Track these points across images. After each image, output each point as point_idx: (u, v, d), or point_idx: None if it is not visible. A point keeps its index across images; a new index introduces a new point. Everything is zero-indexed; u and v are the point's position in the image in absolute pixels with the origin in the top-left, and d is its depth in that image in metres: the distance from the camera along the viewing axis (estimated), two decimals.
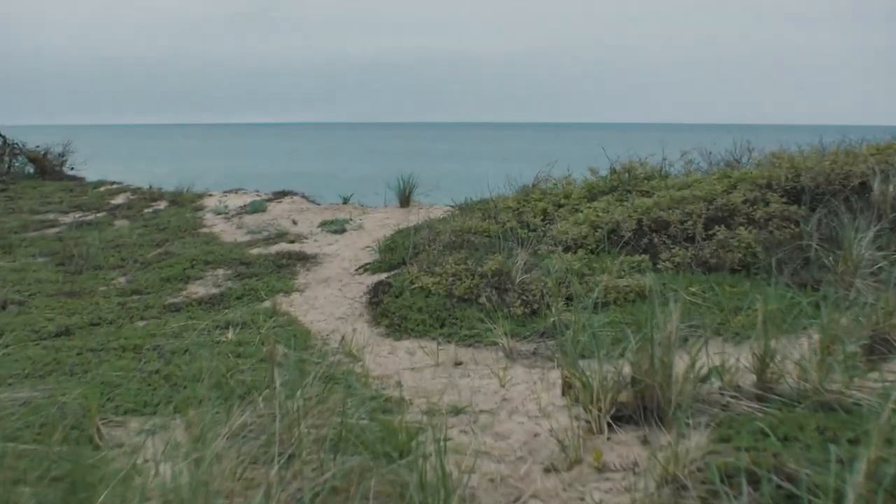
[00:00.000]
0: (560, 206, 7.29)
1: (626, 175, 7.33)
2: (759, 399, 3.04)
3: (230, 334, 5.25)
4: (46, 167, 16.50)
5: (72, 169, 16.87)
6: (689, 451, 2.56)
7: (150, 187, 13.21)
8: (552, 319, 4.81)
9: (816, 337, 3.30)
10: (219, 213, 10.41)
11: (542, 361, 4.44)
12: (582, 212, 6.75)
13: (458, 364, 4.54)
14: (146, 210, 11.32)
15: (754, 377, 3.21)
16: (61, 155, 16.75)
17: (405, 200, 9.78)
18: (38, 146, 16.86)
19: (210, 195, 12.00)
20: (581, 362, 3.28)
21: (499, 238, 6.50)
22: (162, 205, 11.58)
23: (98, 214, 11.22)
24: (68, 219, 11.13)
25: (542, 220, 7.06)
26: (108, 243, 8.94)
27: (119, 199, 12.45)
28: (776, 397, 3.03)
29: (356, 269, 7.02)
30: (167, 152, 54.43)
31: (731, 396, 3.10)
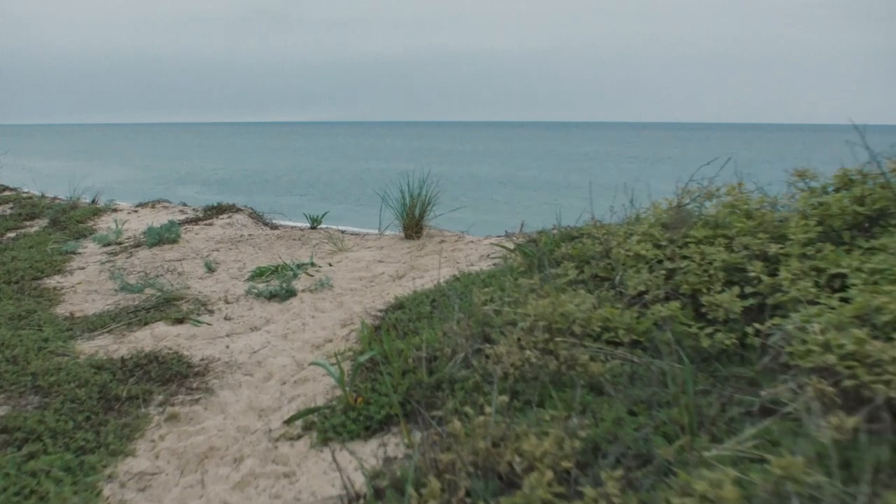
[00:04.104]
0: (767, 258, 3.01)
1: None
2: None
3: None
4: None
5: None
6: None
7: (43, 195, 9.15)
8: None
9: None
10: (105, 244, 6.26)
11: None
12: (858, 287, 2.47)
13: None
14: (8, 234, 7.20)
15: None
16: None
17: (413, 227, 5.51)
18: None
19: (114, 210, 7.87)
20: None
21: (655, 354, 2.30)
22: (37, 225, 7.45)
23: None
24: None
25: (742, 296, 2.81)
26: None
27: None
28: None
29: (286, 421, 2.83)
30: (171, 151, 52.44)
31: None
